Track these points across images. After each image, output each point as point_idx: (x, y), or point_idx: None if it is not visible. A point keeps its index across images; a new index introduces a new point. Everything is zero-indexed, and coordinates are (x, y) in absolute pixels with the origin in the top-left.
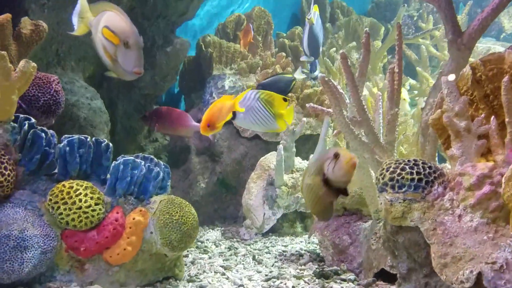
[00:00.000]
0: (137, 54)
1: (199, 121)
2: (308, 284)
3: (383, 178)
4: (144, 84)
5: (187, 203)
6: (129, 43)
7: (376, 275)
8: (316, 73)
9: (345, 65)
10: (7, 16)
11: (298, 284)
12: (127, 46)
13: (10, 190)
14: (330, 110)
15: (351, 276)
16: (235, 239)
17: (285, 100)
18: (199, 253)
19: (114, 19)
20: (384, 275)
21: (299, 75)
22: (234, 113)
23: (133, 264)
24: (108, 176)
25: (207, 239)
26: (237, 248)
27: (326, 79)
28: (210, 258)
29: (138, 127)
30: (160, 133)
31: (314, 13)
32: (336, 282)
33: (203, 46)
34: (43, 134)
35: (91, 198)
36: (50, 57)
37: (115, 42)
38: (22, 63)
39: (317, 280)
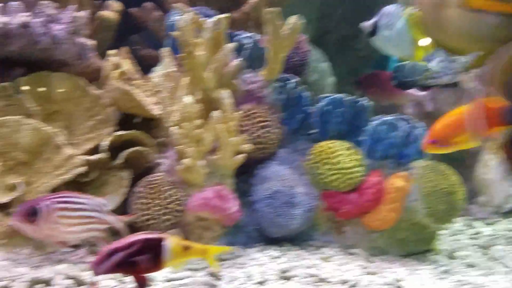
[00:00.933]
0: None
1: None
2: None
3: None
4: (361, 45)
5: (453, 171)
6: None
7: None
8: None
9: None
10: None
11: None
12: None
13: (276, 148)
14: None
15: None
16: (467, 217)
17: None
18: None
19: None
20: None
21: None
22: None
23: (393, 232)
24: (365, 137)
25: None
26: (475, 227)
27: None
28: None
29: (350, 92)
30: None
31: None
32: None
33: None
34: (305, 94)
35: (352, 159)
36: None
37: None
38: (292, 19)
39: None
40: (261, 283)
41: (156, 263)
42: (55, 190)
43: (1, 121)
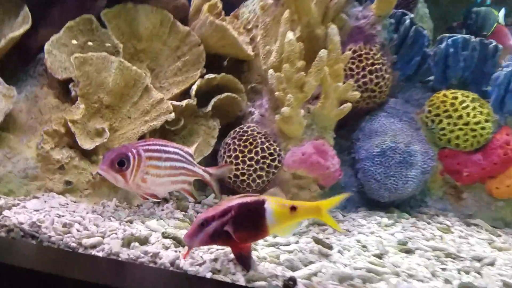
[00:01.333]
0: None
1: None
2: None
3: None
4: None
5: None
6: None
7: None
8: None
9: None
10: None
11: None
12: None
13: (385, 97)
14: None
15: None
16: None
17: None
18: None
19: None
20: None
21: None
22: None
23: None
24: (494, 87)
25: None
26: None
27: None
28: None
29: None
30: None
31: None
32: None
33: None
34: (424, 32)
35: (480, 113)
36: None
37: None
38: None
39: None
40: (379, 256)
41: (259, 230)
42: (141, 137)
43: (84, 58)
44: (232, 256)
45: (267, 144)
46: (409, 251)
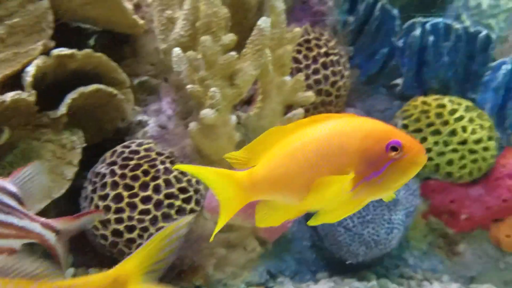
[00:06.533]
0: None
1: None
2: None
3: None
4: None
5: None
6: None
7: None
8: None
9: None
10: None
11: None
12: None
13: (342, 104)
14: None
15: None
16: None
17: None
18: None
19: None
20: None
21: None
22: None
23: None
24: (489, 92)
25: None
26: None
27: None
28: None
29: None
30: None
31: None
32: None
33: None
34: (395, 13)
35: (481, 127)
36: None
37: None
38: None
39: None
40: None
41: None
42: None
43: None
44: None
45: (175, 173)
46: None
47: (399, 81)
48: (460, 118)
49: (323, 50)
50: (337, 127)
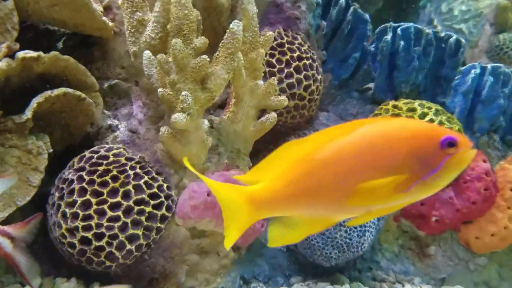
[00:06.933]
0: None
1: None
2: None
3: None
4: None
5: None
6: None
7: None
8: None
9: None
10: None
11: None
12: None
13: (315, 109)
14: None
15: None
16: None
17: None
18: None
19: None
20: None
21: None
22: None
23: (510, 256)
24: (458, 96)
25: None
26: None
27: None
28: None
29: None
30: None
31: None
32: None
33: None
34: (367, 17)
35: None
36: None
37: None
38: None
39: None
40: None
41: None
42: None
43: None
44: None
45: (145, 178)
46: None
47: (371, 85)
48: (430, 122)
49: (296, 54)
50: (377, 130)
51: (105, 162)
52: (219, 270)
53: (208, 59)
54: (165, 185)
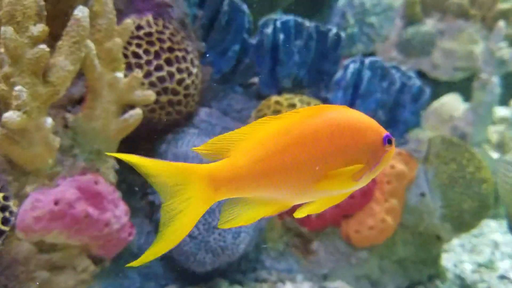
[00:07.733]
0: None
1: None
2: None
3: None
4: None
5: (471, 147)
6: None
7: None
8: None
9: None
10: None
11: None
12: None
13: (194, 104)
14: None
15: None
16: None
17: None
18: None
19: None
20: None
21: None
22: None
23: (390, 249)
24: (338, 90)
25: None
26: None
27: None
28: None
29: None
30: None
31: None
32: None
33: None
34: (244, 7)
35: None
36: None
37: None
38: None
39: None
40: None
41: None
42: None
43: None
44: None
45: None
46: None
47: (256, 80)
48: None
49: (166, 45)
50: (343, 119)
51: None
52: (76, 286)
53: (48, 49)
54: (0, 194)
